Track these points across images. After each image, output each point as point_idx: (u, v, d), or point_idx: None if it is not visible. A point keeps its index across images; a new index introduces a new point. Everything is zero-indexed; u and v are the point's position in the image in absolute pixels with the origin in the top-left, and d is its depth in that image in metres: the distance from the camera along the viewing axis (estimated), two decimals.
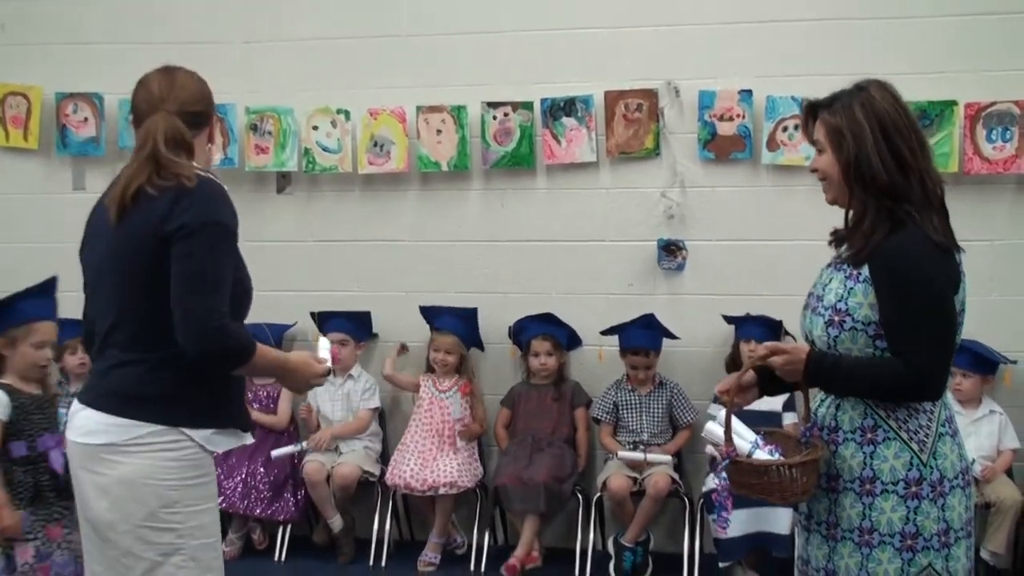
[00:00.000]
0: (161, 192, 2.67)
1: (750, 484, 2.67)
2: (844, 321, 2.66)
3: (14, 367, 4.02)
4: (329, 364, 2.85)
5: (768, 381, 2.89)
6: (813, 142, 2.80)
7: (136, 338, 2.68)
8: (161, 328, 2.61)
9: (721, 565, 4.98)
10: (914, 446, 2.65)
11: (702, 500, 5.13)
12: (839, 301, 2.68)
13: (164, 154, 2.72)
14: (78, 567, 3.58)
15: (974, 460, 4.91)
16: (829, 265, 2.84)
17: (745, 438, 2.74)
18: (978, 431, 5.06)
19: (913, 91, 5.11)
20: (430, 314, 5.55)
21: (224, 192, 2.76)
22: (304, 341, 5.70)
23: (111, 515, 2.67)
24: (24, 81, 5.85)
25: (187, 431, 2.69)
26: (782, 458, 2.70)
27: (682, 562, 5.14)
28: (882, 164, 2.65)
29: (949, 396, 2.77)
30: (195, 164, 2.80)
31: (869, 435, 2.67)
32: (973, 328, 5.07)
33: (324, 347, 3.01)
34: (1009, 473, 5.08)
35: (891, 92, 2.77)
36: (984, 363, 5.08)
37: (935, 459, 2.66)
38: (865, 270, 2.66)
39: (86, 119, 5.80)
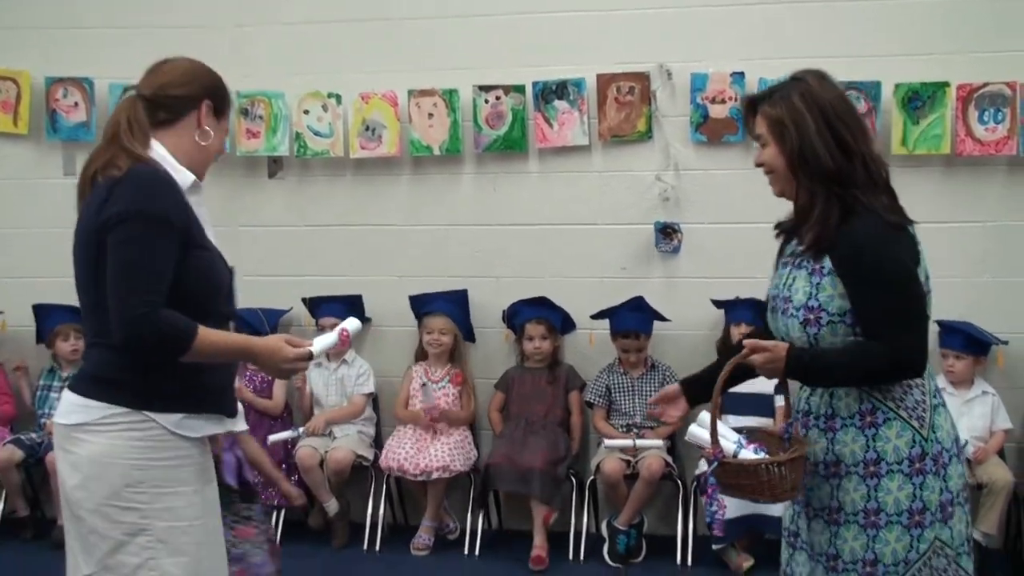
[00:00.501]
0: (105, 181, 2.67)
1: (739, 484, 2.66)
2: (820, 318, 2.67)
3: None
4: (312, 348, 2.72)
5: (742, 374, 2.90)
6: (756, 137, 2.80)
7: (102, 323, 2.66)
8: None
9: (715, 547, 5.00)
10: (914, 423, 2.67)
11: (695, 483, 5.15)
12: (809, 299, 2.68)
13: (124, 139, 2.72)
14: (274, 566, 3.65)
15: (967, 441, 4.93)
16: (785, 264, 2.84)
17: (729, 439, 2.74)
18: (970, 412, 5.07)
19: (905, 73, 5.18)
20: (418, 303, 5.55)
21: (159, 181, 2.69)
22: (299, 326, 5.69)
23: (79, 493, 2.68)
24: (13, 66, 5.82)
25: (151, 415, 2.68)
26: (768, 456, 2.71)
27: (675, 544, 5.16)
28: (827, 150, 2.66)
29: (930, 367, 2.78)
30: (159, 151, 2.77)
31: (869, 418, 2.68)
32: (965, 310, 5.16)
33: (351, 324, 2.89)
34: (1001, 454, 5.11)
35: (829, 80, 2.77)
36: (977, 344, 5.10)
37: (934, 432, 2.69)
38: (827, 262, 2.67)
39: (76, 104, 5.78)
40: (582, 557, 5.21)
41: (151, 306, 2.57)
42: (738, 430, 2.85)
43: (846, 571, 2.70)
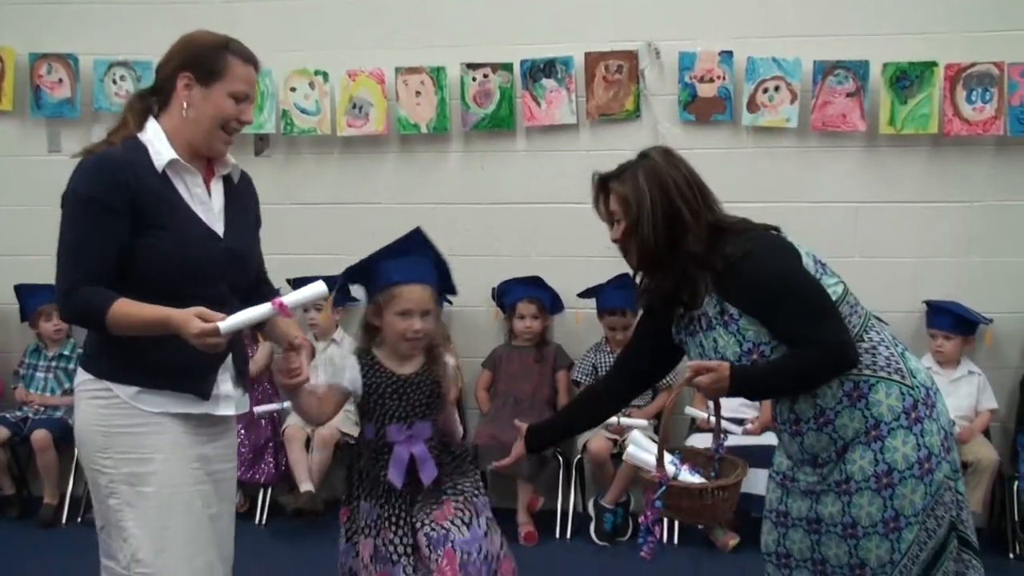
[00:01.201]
0: None
1: (680, 507, 2.69)
2: (763, 352, 2.74)
3: (386, 340, 3.40)
4: (221, 324, 2.61)
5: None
6: (610, 213, 2.88)
7: None
8: None
9: (700, 526, 5.01)
10: (896, 377, 2.75)
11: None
12: (742, 345, 2.75)
13: (113, 128, 2.90)
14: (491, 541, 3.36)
15: (953, 423, 4.95)
16: (693, 332, 2.87)
17: (665, 459, 2.77)
18: (956, 392, 5.09)
19: (894, 52, 5.18)
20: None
21: (100, 165, 2.75)
22: None
23: (79, 453, 2.91)
24: None
25: (111, 384, 2.80)
26: (703, 479, 2.73)
27: (662, 522, 5.17)
28: (653, 231, 2.77)
29: (872, 320, 2.85)
30: (149, 134, 2.83)
31: (855, 393, 2.74)
32: (954, 289, 5.17)
33: (300, 294, 2.82)
34: (987, 434, 5.13)
35: (674, 156, 2.90)
36: (964, 324, 5.11)
37: (914, 376, 2.78)
38: (732, 309, 2.74)
39: (61, 80, 5.73)
40: (569, 536, 5.22)
41: (73, 284, 2.70)
42: (670, 451, 2.88)
43: (867, 535, 2.74)
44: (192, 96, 2.83)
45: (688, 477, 2.73)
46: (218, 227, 2.88)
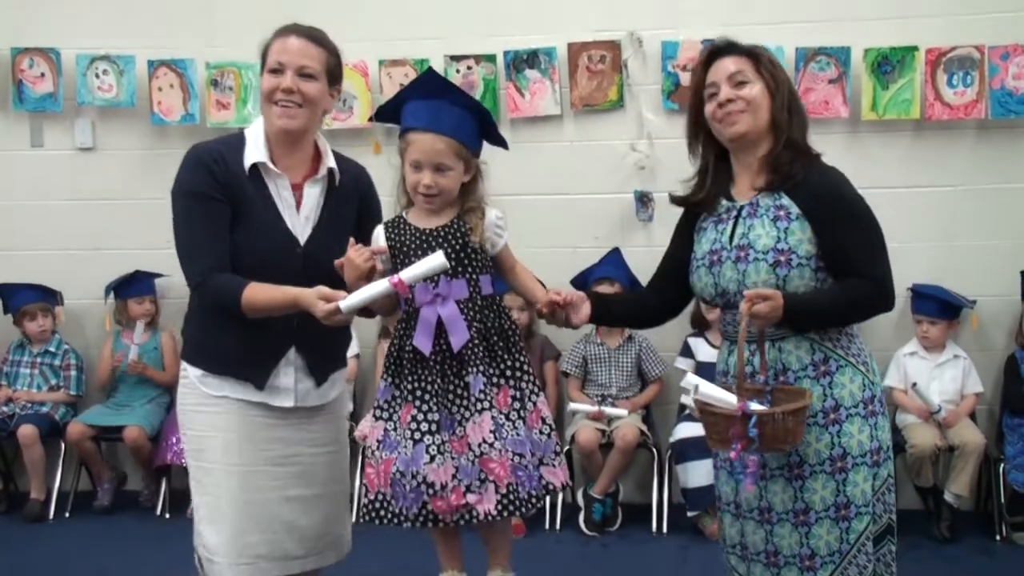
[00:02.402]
0: None
1: (763, 434, 2.59)
2: (790, 260, 2.71)
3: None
4: (341, 304, 2.69)
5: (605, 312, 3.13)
6: (731, 76, 2.80)
7: None
8: None
9: (689, 514, 5.03)
10: (862, 368, 2.78)
11: (670, 451, 5.17)
12: (778, 242, 2.73)
13: None
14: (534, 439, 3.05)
15: (940, 407, 4.98)
16: (719, 221, 2.87)
17: (727, 395, 2.70)
18: (942, 375, 5.12)
19: (875, 37, 5.19)
20: None
21: (195, 159, 2.88)
22: None
23: None
24: None
25: (186, 364, 3.02)
26: (774, 408, 2.69)
27: (651, 512, 5.19)
28: (786, 100, 2.80)
29: (855, 328, 2.85)
30: (253, 130, 2.96)
31: (822, 368, 2.75)
32: (938, 273, 5.20)
33: (417, 269, 2.81)
34: (973, 417, 5.15)
35: None
36: (948, 308, 5.14)
37: (875, 376, 2.83)
38: (793, 207, 2.73)
39: (43, 74, 5.71)
40: (558, 526, 5.23)
41: (203, 276, 2.84)
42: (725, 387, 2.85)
43: (819, 521, 2.74)
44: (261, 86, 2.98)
45: (758, 407, 2.68)
46: (301, 232, 2.94)
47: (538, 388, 3.09)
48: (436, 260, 2.79)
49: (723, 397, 2.67)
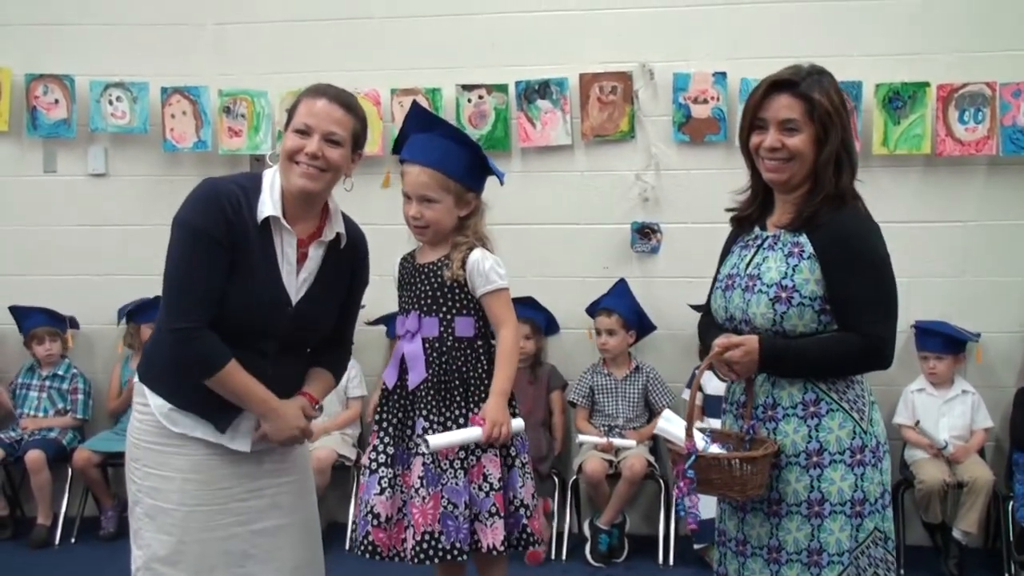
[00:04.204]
0: None
1: (710, 480, 2.65)
2: (792, 297, 2.68)
3: None
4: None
5: None
6: (782, 122, 2.72)
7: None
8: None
9: (696, 547, 5.01)
10: (855, 415, 2.71)
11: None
12: (784, 278, 2.69)
13: None
14: (472, 494, 3.09)
15: (947, 444, 4.95)
16: (747, 246, 2.85)
17: (696, 436, 2.73)
18: (951, 411, 5.10)
19: (887, 73, 5.20)
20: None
21: (208, 193, 2.79)
22: None
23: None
24: None
25: (148, 394, 2.87)
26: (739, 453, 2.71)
27: (657, 544, 5.16)
28: (854, 149, 2.74)
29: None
30: (267, 180, 2.88)
31: (812, 408, 2.70)
32: (945, 308, 5.18)
33: (465, 434, 3.03)
34: (981, 454, 5.13)
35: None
36: (954, 343, 5.13)
37: (872, 426, 2.74)
38: (808, 245, 2.69)
39: (57, 101, 5.74)
40: (564, 557, 5.20)
41: (194, 325, 2.74)
42: (700, 430, 2.85)
43: (790, 562, 2.71)
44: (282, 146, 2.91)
45: (715, 450, 2.69)
46: (296, 291, 2.89)
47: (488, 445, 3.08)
48: (472, 433, 2.96)
49: (680, 435, 2.69)
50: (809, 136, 2.70)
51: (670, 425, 2.79)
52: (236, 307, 2.79)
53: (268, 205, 2.81)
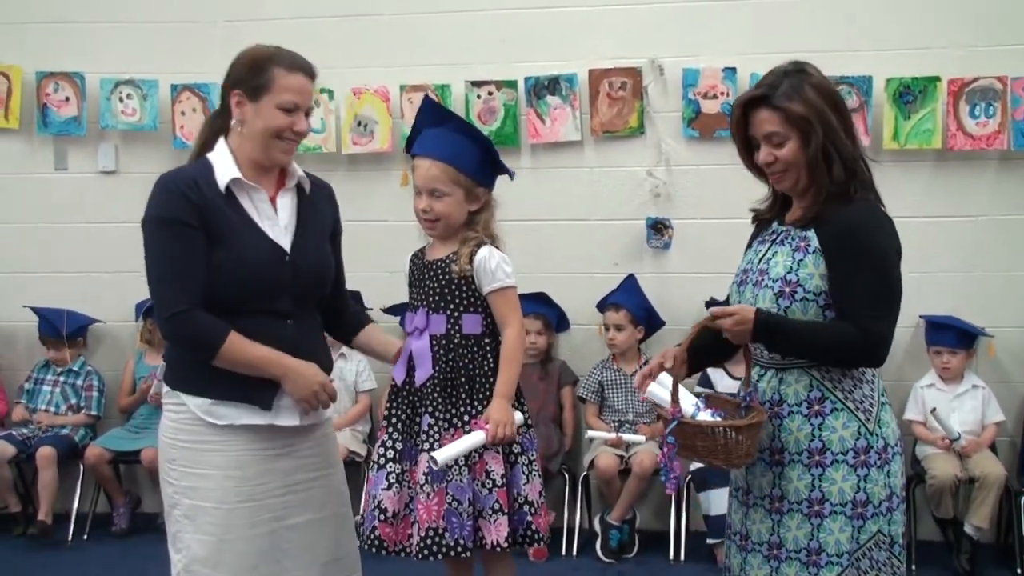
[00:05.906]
0: None
1: (695, 446, 2.63)
2: (795, 292, 2.68)
3: None
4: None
5: (713, 352, 2.94)
6: (767, 136, 2.71)
7: None
8: None
9: (709, 542, 5.01)
10: (860, 416, 2.69)
11: (688, 478, 5.15)
12: (788, 272, 2.69)
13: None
14: (476, 491, 3.08)
15: (959, 435, 4.94)
16: (764, 241, 2.86)
17: (687, 401, 2.72)
18: (962, 406, 5.09)
19: (896, 67, 5.19)
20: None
21: (167, 185, 2.87)
22: None
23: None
24: (5, 60, 5.80)
25: (184, 396, 2.86)
26: (725, 420, 2.70)
27: (668, 540, 5.17)
28: (846, 145, 2.69)
29: (869, 373, 2.77)
30: (217, 153, 2.91)
31: (816, 407, 2.69)
32: (956, 303, 5.17)
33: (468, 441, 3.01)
34: (993, 449, 5.11)
35: (818, 70, 2.78)
36: (965, 337, 5.11)
37: (880, 427, 2.71)
38: (814, 240, 2.68)
39: (67, 98, 5.76)
40: (575, 552, 5.21)
41: (183, 308, 2.78)
42: (696, 394, 2.85)
43: (789, 559, 2.70)
44: (245, 113, 2.89)
45: (708, 419, 2.68)
46: (285, 242, 2.91)
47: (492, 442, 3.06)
48: (476, 438, 2.95)
49: (666, 397, 2.68)
50: (797, 143, 2.68)
51: (660, 389, 2.77)
52: (238, 276, 2.82)
53: (226, 172, 2.85)
